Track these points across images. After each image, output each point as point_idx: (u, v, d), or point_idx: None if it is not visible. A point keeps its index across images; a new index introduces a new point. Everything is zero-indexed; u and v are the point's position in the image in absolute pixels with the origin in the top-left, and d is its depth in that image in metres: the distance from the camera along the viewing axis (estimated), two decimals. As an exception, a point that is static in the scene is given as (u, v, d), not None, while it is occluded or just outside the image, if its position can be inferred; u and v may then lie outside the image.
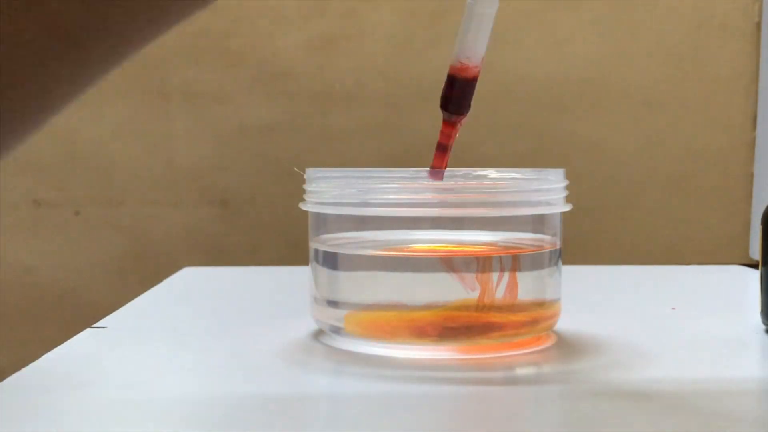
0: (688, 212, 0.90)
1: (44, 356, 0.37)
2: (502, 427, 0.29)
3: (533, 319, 0.38)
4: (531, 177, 0.39)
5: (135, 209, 0.89)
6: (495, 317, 0.37)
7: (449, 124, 0.37)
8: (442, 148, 0.38)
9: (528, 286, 0.38)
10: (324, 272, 0.39)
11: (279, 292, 0.57)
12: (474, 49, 0.35)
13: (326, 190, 0.39)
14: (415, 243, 0.39)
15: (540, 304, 0.39)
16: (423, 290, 0.37)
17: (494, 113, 0.87)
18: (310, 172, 0.40)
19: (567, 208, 0.40)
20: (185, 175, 0.89)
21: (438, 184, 0.37)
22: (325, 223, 0.40)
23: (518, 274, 0.37)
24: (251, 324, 0.45)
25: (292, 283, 0.56)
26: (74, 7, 0.17)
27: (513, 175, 0.38)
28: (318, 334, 0.41)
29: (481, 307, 0.37)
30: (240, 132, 0.88)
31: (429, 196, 0.37)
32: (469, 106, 0.37)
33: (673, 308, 0.49)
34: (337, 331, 0.39)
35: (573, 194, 0.41)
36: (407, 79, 0.88)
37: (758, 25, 0.88)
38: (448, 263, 0.37)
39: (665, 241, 0.90)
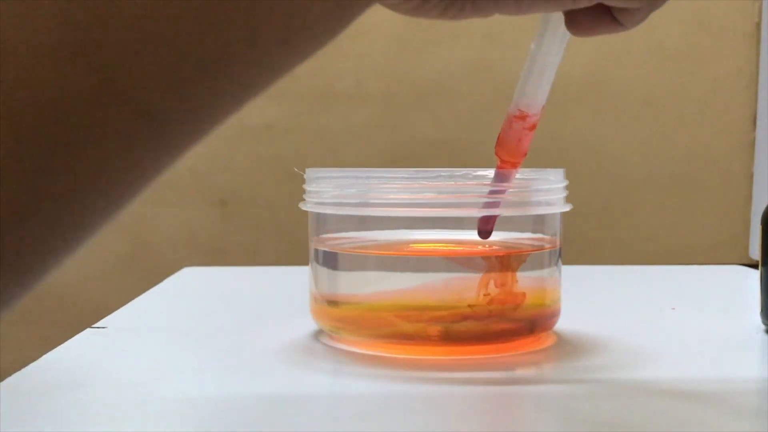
0: (688, 212, 0.90)
1: (44, 356, 0.37)
2: (502, 427, 0.29)
3: (533, 319, 0.38)
4: (531, 177, 0.39)
5: (135, 209, 0.89)
6: (495, 317, 0.37)
7: (503, 172, 0.36)
8: (496, 191, 0.36)
9: (528, 286, 0.38)
10: (324, 272, 0.39)
11: (279, 292, 0.57)
12: (534, 98, 0.34)
13: (326, 190, 0.39)
14: (415, 243, 0.39)
15: (540, 305, 0.38)
16: (422, 290, 0.37)
17: (494, 113, 0.87)
18: (310, 172, 0.40)
19: (567, 208, 0.40)
20: (185, 175, 0.89)
21: (438, 183, 0.37)
22: (325, 223, 0.40)
23: (518, 274, 0.37)
24: (251, 324, 0.45)
25: (292, 283, 0.56)
26: (159, 94, 0.17)
27: (513, 175, 0.38)
28: (318, 334, 0.41)
29: (480, 307, 0.37)
30: (240, 132, 0.88)
31: (429, 196, 0.37)
32: (525, 154, 0.35)
33: (673, 308, 0.49)
34: (337, 331, 0.39)
35: (573, 194, 0.41)
36: (407, 79, 0.88)
37: (758, 25, 0.88)
38: (456, 262, 0.37)
39: (665, 241, 0.90)
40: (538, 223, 0.39)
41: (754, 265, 0.51)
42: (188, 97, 0.18)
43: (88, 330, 0.42)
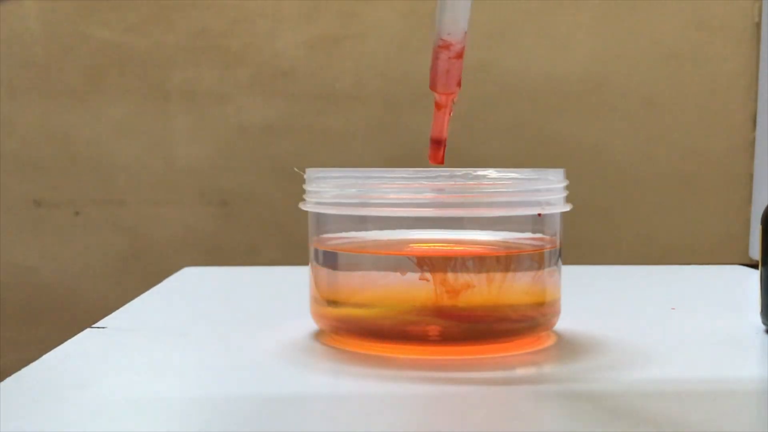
0: (688, 212, 0.90)
1: (44, 356, 0.37)
2: (502, 427, 0.29)
3: (533, 319, 0.38)
4: (531, 177, 0.39)
5: (135, 209, 0.89)
6: (494, 317, 0.37)
7: (441, 104, 0.36)
8: (438, 134, 0.37)
9: (528, 285, 0.38)
10: (324, 272, 0.39)
11: (279, 292, 0.57)
12: (455, 24, 0.34)
13: (326, 190, 0.39)
14: (415, 243, 0.39)
15: (540, 304, 0.38)
16: (422, 290, 0.37)
17: (494, 113, 0.87)
18: (310, 172, 0.40)
19: (567, 208, 0.40)
20: (185, 175, 0.89)
21: (438, 183, 0.37)
22: (325, 223, 0.40)
23: (518, 274, 0.37)
24: (251, 324, 0.45)
25: (292, 283, 0.56)
26: None
27: (513, 175, 0.38)
28: (318, 334, 0.41)
29: (480, 307, 0.37)
30: (240, 132, 0.88)
31: (429, 196, 0.37)
32: (459, 84, 0.36)
33: (673, 308, 0.49)
34: (337, 331, 0.39)
35: (573, 194, 0.41)
36: (407, 79, 0.88)
37: (758, 25, 0.88)
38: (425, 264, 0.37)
39: (665, 241, 0.90)
40: (538, 223, 0.39)
41: (754, 265, 0.51)
42: None
43: (88, 330, 0.42)
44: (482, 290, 0.37)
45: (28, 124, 0.88)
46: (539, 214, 0.38)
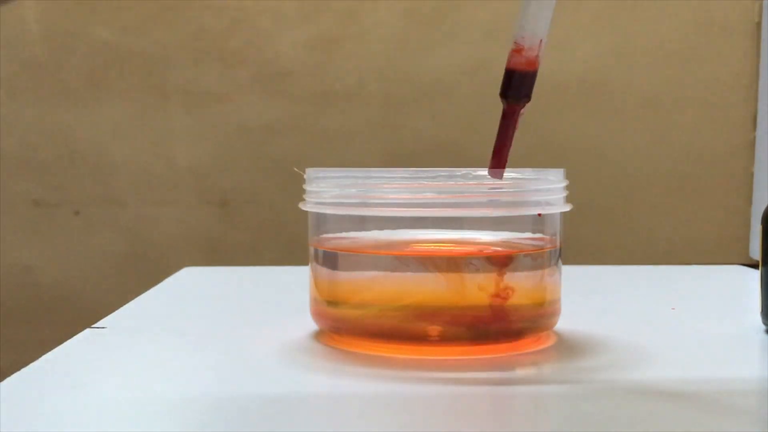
0: (688, 212, 0.90)
1: (44, 356, 0.37)
2: (502, 427, 0.29)
3: (533, 318, 0.38)
4: (531, 177, 0.39)
5: (135, 209, 0.89)
6: (494, 317, 0.37)
7: (507, 114, 0.34)
8: (502, 141, 0.34)
9: (528, 286, 0.38)
10: (324, 272, 0.39)
11: (279, 292, 0.57)
12: (529, 28, 0.32)
13: (326, 190, 0.39)
14: (415, 243, 0.39)
15: (540, 304, 0.38)
16: (422, 290, 0.37)
17: (494, 113, 0.87)
18: (310, 172, 0.40)
19: (567, 208, 0.40)
20: (185, 175, 0.89)
21: (438, 183, 0.37)
22: (325, 223, 0.40)
23: (518, 274, 0.37)
24: (251, 324, 0.45)
25: (292, 283, 0.56)
26: None
27: (513, 175, 0.38)
28: (318, 334, 0.41)
29: (479, 307, 0.37)
30: (240, 132, 0.88)
31: (429, 196, 0.37)
32: (529, 96, 0.33)
33: (673, 308, 0.49)
34: (337, 331, 0.39)
35: (573, 194, 0.41)
36: (407, 79, 0.88)
37: (758, 25, 0.88)
38: (439, 265, 0.37)
39: (665, 241, 0.90)
40: (538, 223, 0.39)
41: (754, 265, 0.51)
42: None
43: (88, 330, 0.42)
44: (482, 290, 0.37)
45: (28, 124, 0.88)
46: (539, 214, 0.38)
